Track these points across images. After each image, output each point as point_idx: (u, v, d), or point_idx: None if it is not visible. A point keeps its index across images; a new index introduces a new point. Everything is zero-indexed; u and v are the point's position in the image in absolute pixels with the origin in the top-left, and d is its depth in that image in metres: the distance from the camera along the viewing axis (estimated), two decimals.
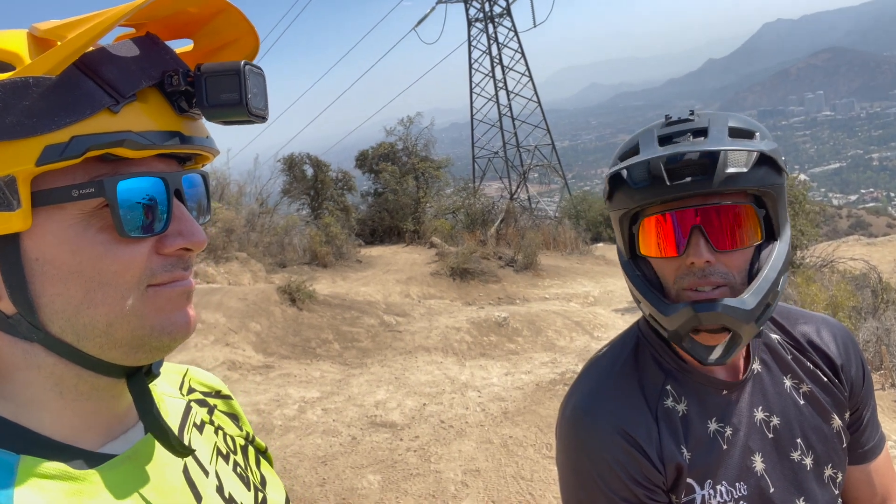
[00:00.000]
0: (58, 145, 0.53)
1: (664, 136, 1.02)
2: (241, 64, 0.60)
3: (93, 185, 0.56)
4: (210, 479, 0.71)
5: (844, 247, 13.02)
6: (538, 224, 18.56)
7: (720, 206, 0.97)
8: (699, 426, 1.07)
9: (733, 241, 0.98)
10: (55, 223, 0.56)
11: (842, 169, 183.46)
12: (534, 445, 4.30)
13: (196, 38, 0.67)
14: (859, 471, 1.18)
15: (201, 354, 6.17)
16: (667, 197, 0.98)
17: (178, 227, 0.62)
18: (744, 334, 0.99)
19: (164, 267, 0.61)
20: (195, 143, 0.62)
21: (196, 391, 0.84)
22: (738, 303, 0.96)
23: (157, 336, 0.61)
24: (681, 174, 0.96)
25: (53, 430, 0.60)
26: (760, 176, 0.96)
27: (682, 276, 1.00)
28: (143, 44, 0.60)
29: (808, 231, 10.50)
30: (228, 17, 0.64)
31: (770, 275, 0.98)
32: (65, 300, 0.57)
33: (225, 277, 10.45)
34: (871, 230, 47.57)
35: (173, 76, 0.59)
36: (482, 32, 44.76)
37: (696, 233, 0.98)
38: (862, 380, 1.17)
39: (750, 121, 1.05)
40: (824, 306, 6.70)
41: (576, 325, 8.10)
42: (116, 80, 0.56)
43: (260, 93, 0.62)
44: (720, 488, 1.05)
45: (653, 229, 1.02)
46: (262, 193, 14.95)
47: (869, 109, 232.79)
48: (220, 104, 0.60)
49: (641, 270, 1.07)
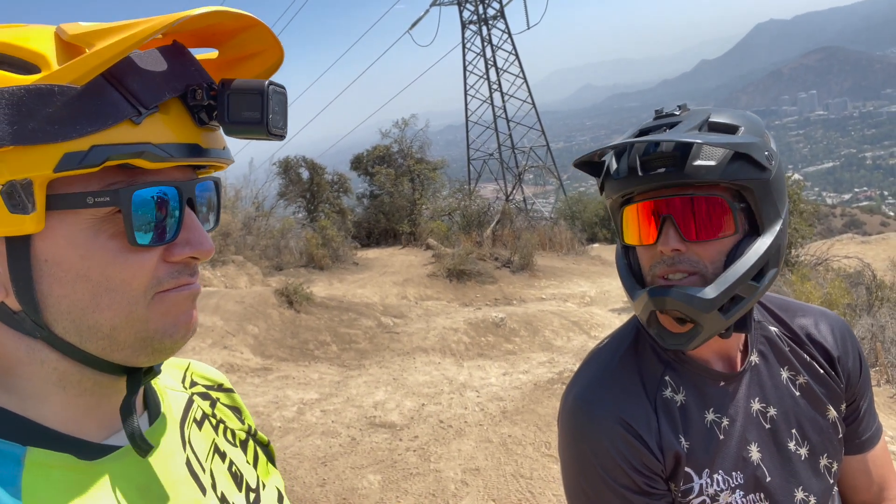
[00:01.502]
0: (77, 153, 0.53)
1: (643, 129, 1.05)
2: (265, 84, 0.60)
3: (108, 193, 0.56)
4: (206, 476, 0.71)
5: (839, 245, 13.08)
6: (534, 225, 18.59)
7: (694, 198, 1.00)
8: (697, 416, 1.09)
9: (703, 232, 1.00)
10: (67, 226, 0.56)
11: (835, 168, 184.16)
12: (533, 444, 4.32)
13: (221, 48, 0.66)
14: (856, 460, 1.20)
15: (199, 357, 6.16)
16: (643, 187, 1.02)
17: (187, 235, 0.62)
18: (705, 324, 1.00)
19: (171, 274, 0.61)
20: (212, 155, 0.62)
21: (198, 384, 0.84)
22: (694, 291, 0.98)
23: (160, 339, 0.61)
24: (654, 165, 0.99)
25: (58, 423, 0.60)
26: (733, 170, 0.97)
27: (656, 263, 1.04)
28: (170, 54, 0.60)
29: (802, 230, 10.56)
30: (257, 31, 0.64)
31: (740, 268, 0.99)
32: (71, 302, 0.57)
33: (222, 281, 10.44)
34: (865, 229, 47.71)
35: (197, 90, 0.59)
36: (476, 35, 44.80)
37: (667, 222, 1.01)
38: (859, 371, 1.19)
39: (743, 115, 1.06)
40: (819, 304, 6.74)
41: (573, 325, 8.12)
42: (141, 92, 0.56)
43: (280, 112, 0.62)
44: (717, 477, 1.07)
45: (631, 218, 1.06)
46: (258, 197, 14.95)
47: (862, 108, 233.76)
48: (241, 121, 0.60)
49: (628, 259, 1.11)
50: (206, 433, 0.78)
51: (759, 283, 1.01)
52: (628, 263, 1.11)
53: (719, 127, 1.02)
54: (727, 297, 0.99)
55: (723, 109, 1.07)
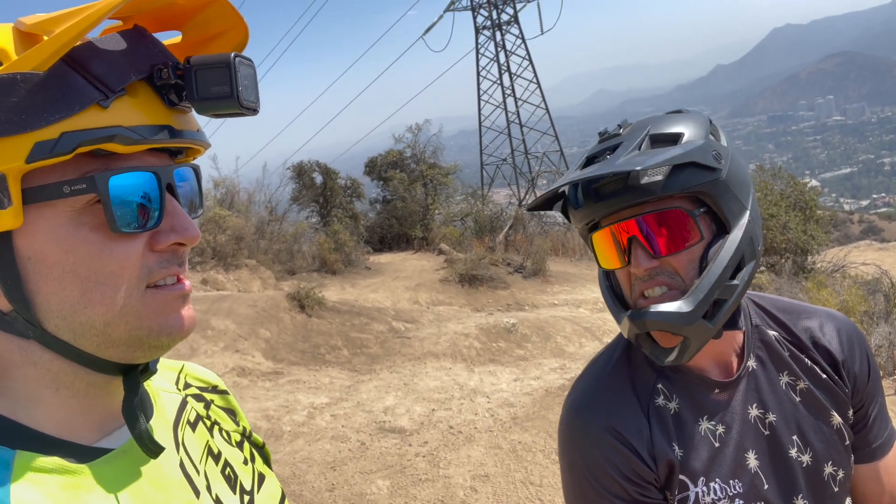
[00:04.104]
0: (48, 142, 0.52)
1: (590, 156, 1.06)
2: (231, 56, 0.59)
3: (84, 181, 0.55)
4: (200, 478, 0.71)
5: (856, 252, 12.92)
6: (547, 230, 18.52)
7: (654, 214, 1.00)
8: (690, 424, 1.08)
9: (671, 245, 1.00)
10: (45, 221, 0.55)
11: (853, 174, 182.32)
12: (543, 451, 4.29)
13: (184, 29, 0.66)
14: (868, 468, 1.16)
15: (211, 361, 6.20)
16: (602, 213, 1.03)
17: (171, 222, 0.61)
18: (691, 336, 0.99)
19: (160, 264, 0.61)
20: (186, 136, 0.61)
21: (192, 386, 0.84)
22: (671, 307, 0.97)
23: (156, 336, 0.61)
24: (606, 192, 1.00)
25: (49, 426, 0.60)
26: (682, 180, 0.97)
27: (634, 282, 1.04)
28: (131, 37, 0.59)
29: (818, 236, 10.43)
30: (217, 8, 0.63)
31: (714, 273, 0.98)
32: (60, 299, 0.57)
33: (234, 284, 10.50)
34: (883, 235, 47.10)
35: (162, 69, 0.58)
36: (490, 40, 44.84)
37: (634, 243, 1.01)
38: (867, 376, 1.15)
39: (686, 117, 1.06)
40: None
41: (585, 331, 8.08)
42: (105, 75, 0.55)
43: (251, 85, 0.61)
44: (714, 486, 1.06)
45: (600, 244, 1.07)
46: (272, 201, 15.03)
47: (880, 114, 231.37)
48: (210, 97, 0.59)
49: (610, 281, 1.12)
50: (200, 435, 0.77)
51: (738, 281, 1.00)
52: (610, 286, 1.11)
53: (661, 138, 1.02)
54: (707, 304, 0.98)
55: (666, 116, 1.07)
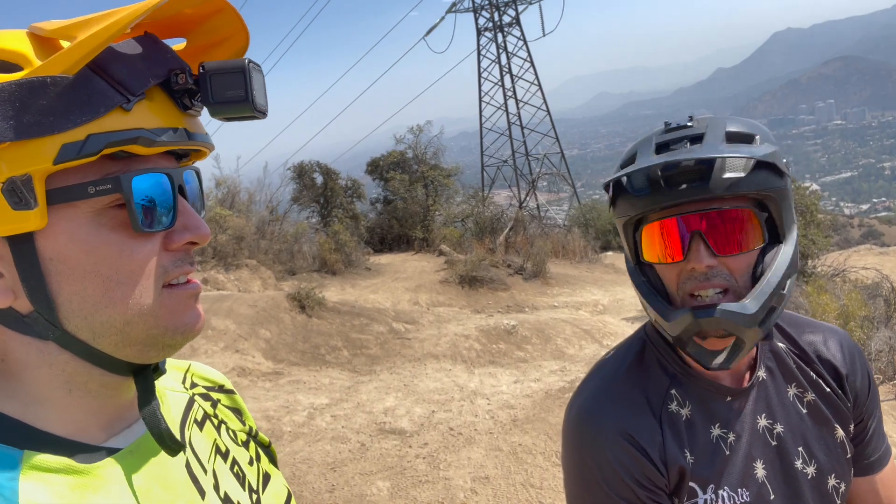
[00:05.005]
0: (75, 143, 0.54)
1: (661, 144, 1.03)
2: (245, 62, 0.61)
3: (109, 181, 0.57)
4: (208, 477, 0.71)
5: (856, 256, 12.91)
6: (547, 232, 18.53)
7: (721, 211, 0.97)
8: (703, 431, 1.08)
9: (734, 246, 0.98)
10: (67, 222, 0.56)
11: (853, 178, 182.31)
12: (543, 453, 4.29)
13: (190, 36, 0.67)
14: (865, 482, 1.17)
15: (211, 361, 6.20)
16: (666, 203, 0.99)
17: (184, 221, 0.63)
18: (747, 339, 0.98)
19: (174, 263, 0.62)
20: (198, 139, 0.63)
21: (199, 385, 0.84)
22: (738, 307, 0.96)
23: (171, 335, 0.62)
24: (678, 181, 0.97)
25: (58, 427, 0.60)
26: (759, 180, 0.96)
27: (685, 280, 1.01)
28: (145, 43, 0.61)
29: (819, 240, 10.43)
30: (225, 16, 0.65)
31: (773, 278, 0.98)
32: (82, 299, 0.58)
33: (235, 284, 10.50)
34: (883, 239, 47.11)
35: (179, 74, 0.61)
36: (491, 42, 44.85)
37: (696, 238, 0.98)
38: (867, 390, 1.17)
39: (752, 123, 1.05)
40: (836, 316, 6.65)
41: (585, 334, 8.08)
42: (126, 79, 0.57)
43: (261, 89, 0.63)
44: (722, 493, 1.06)
45: (654, 236, 1.03)
46: (272, 201, 15.03)
47: (881, 118, 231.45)
48: (225, 101, 0.61)
49: (647, 276, 1.08)
50: (208, 433, 0.78)
51: (786, 291, 1.00)
52: (648, 281, 1.07)
53: (737, 137, 1.01)
54: (766, 309, 0.97)
55: (732, 118, 1.05)
